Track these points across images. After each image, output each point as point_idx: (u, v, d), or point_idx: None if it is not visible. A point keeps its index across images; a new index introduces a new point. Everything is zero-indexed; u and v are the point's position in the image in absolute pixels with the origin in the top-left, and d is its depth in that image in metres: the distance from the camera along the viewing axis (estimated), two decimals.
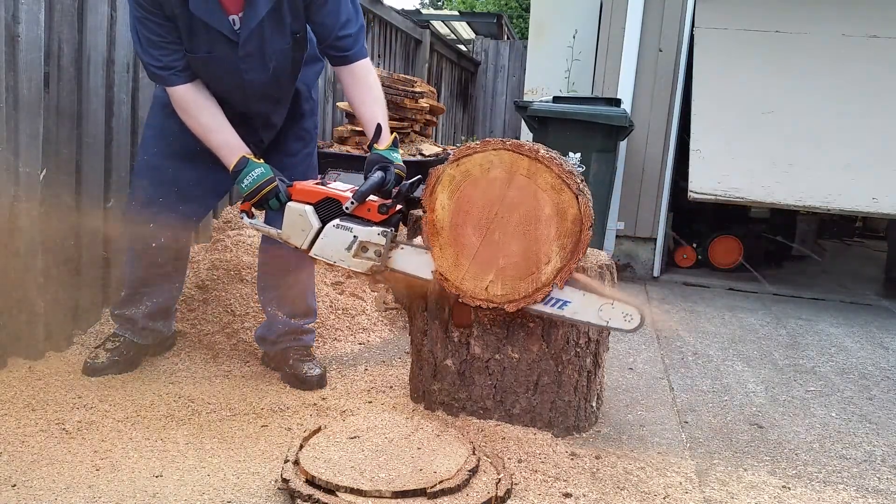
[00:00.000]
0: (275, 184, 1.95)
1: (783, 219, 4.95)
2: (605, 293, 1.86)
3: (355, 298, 2.99)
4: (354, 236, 1.93)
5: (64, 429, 1.86)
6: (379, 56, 5.87)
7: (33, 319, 2.22)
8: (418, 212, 3.17)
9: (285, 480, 1.58)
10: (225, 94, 2.04)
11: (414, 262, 1.96)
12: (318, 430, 1.83)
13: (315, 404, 2.12)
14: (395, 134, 2.06)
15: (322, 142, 4.38)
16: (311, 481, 1.56)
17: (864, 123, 3.90)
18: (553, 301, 1.86)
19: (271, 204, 1.97)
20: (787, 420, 2.29)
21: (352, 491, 1.53)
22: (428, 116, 4.52)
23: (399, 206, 1.97)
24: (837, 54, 4.07)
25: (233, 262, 2.83)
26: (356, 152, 4.03)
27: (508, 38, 10.83)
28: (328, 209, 1.95)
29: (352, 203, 1.92)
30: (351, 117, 4.25)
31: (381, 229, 1.94)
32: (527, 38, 6.27)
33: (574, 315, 1.86)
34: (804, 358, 2.99)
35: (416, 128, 4.44)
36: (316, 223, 1.96)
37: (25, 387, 2.08)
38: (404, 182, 1.96)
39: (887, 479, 1.92)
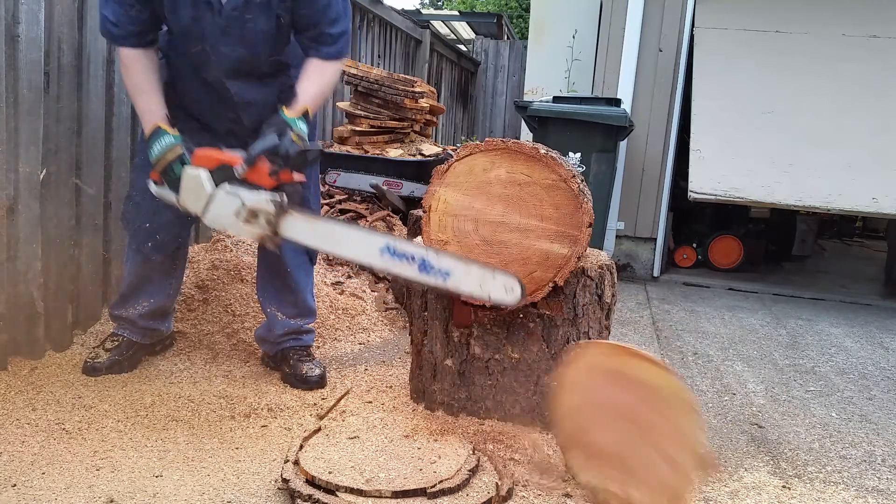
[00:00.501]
0: (180, 151, 1.93)
1: (783, 219, 4.95)
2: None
3: (355, 298, 2.99)
4: (242, 202, 1.86)
5: (64, 429, 1.86)
6: (379, 56, 5.87)
7: (33, 319, 2.22)
8: (418, 212, 3.17)
9: (285, 480, 1.58)
10: (201, 65, 2.03)
11: (305, 231, 1.89)
12: (318, 430, 1.83)
13: (315, 404, 2.13)
14: (309, 110, 1.99)
15: (322, 142, 4.38)
16: (311, 481, 1.56)
17: (864, 123, 3.90)
18: (434, 271, 1.77)
19: (174, 168, 1.93)
20: (787, 420, 2.29)
21: (352, 491, 1.53)
22: (428, 116, 4.53)
23: (294, 173, 1.90)
24: (837, 54, 4.07)
25: (233, 262, 2.83)
26: (356, 152, 4.03)
27: (508, 38, 10.83)
28: (223, 174, 1.88)
29: (242, 167, 1.85)
30: (351, 117, 4.25)
31: (271, 196, 1.85)
32: (527, 38, 6.26)
33: (457, 287, 1.77)
34: (804, 358, 2.99)
35: (416, 128, 4.44)
36: (209, 188, 1.87)
37: (26, 387, 2.08)
38: (300, 148, 1.88)
39: (887, 479, 1.92)
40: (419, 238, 2.06)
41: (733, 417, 2.28)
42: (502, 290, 1.75)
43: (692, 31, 4.24)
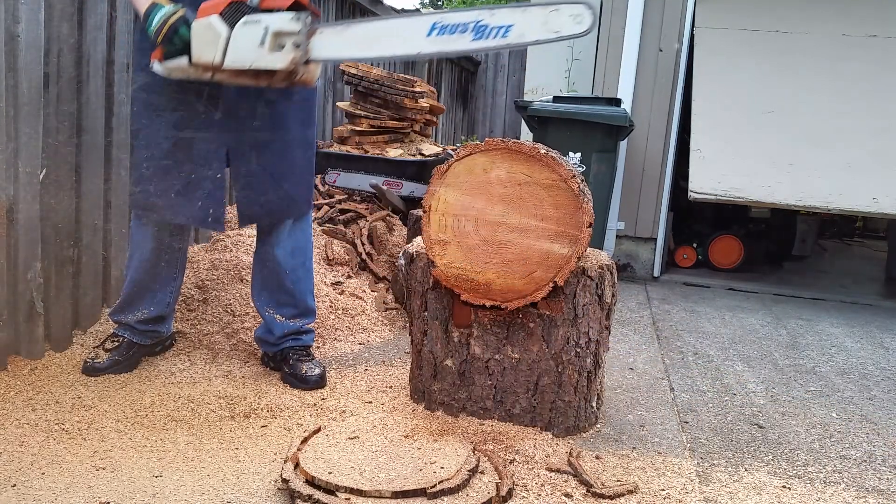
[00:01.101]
0: (183, 13, 1.85)
1: (783, 219, 4.95)
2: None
3: (355, 298, 2.99)
4: (265, 27, 1.73)
5: (64, 429, 1.86)
6: None
7: (33, 319, 2.22)
8: (418, 212, 3.17)
9: (285, 480, 1.58)
10: None
11: (337, 43, 1.77)
12: (318, 430, 1.83)
13: (315, 404, 2.13)
14: None
15: (322, 142, 4.38)
16: (310, 481, 1.56)
17: (864, 123, 3.90)
18: (492, 31, 1.64)
19: (180, 32, 1.83)
20: (788, 420, 2.29)
21: (352, 491, 1.53)
22: (428, 116, 4.52)
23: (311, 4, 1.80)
24: (837, 54, 4.07)
25: (233, 262, 2.83)
26: (356, 152, 4.03)
27: None
28: (236, 13, 1.77)
29: None
30: (351, 117, 4.25)
31: (294, 14, 1.75)
32: None
33: (521, 38, 1.64)
34: (804, 358, 2.99)
35: (416, 128, 4.44)
36: (224, 29, 1.76)
37: (25, 387, 2.08)
38: None
39: (887, 479, 1.92)
40: (419, 238, 2.06)
41: (733, 417, 2.28)
42: (571, 21, 1.60)
43: (692, 31, 4.24)
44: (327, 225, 3.44)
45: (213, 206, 2.15)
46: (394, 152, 4.11)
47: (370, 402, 2.16)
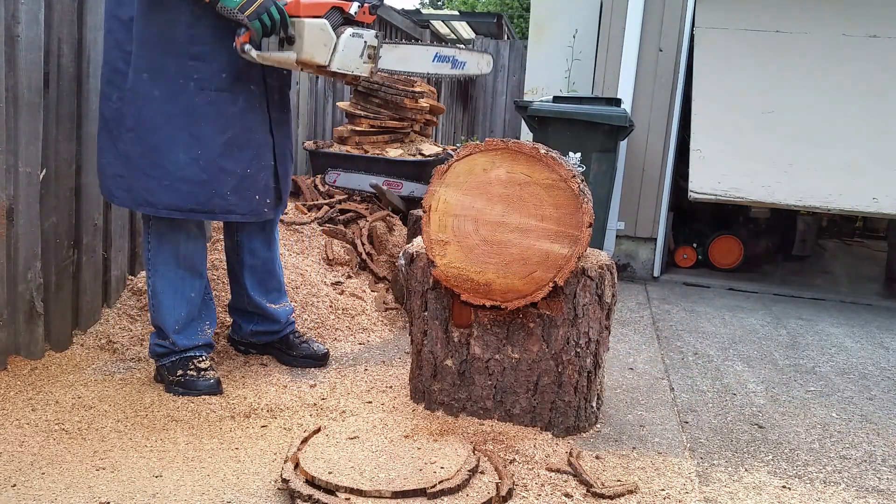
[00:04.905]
0: None
1: (783, 219, 4.95)
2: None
3: (355, 298, 2.99)
4: (365, 41, 1.97)
5: (64, 429, 1.86)
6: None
7: (33, 319, 2.22)
8: (418, 212, 3.17)
9: (285, 480, 1.58)
10: None
11: (392, 59, 2.24)
12: (318, 430, 1.83)
13: (315, 404, 2.13)
14: None
15: (322, 142, 4.38)
16: (310, 481, 1.56)
17: (864, 123, 3.90)
18: (459, 63, 2.54)
19: (271, 12, 1.82)
20: (788, 420, 2.29)
21: (352, 491, 1.53)
22: (428, 116, 4.52)
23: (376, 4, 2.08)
24: (837, 54, 4.07)
25: None
26: (356, 152, 4.03)
27: (508, 38, 10.83)
28: (333, 19, 1.95)
29: (356, 8, 1.95)
30: (351, 117, 4.25)
31: (375, 33, 2.02)
32: (527, 38, 6.26)
33: (469, 70, 2.63)
34: (804, 358, 2.99)
35: (416, 128, 4.43)
36: (333, 34, 1.93)
37: (26, 387, 2.08)
38: None
39: (887, 479, 1.92)
40: (419, 238, 2.06)
41: (733, 417, 2.28)
42: (486, 65, 2.82)
43: (692, 31, 4.24)
44: (327, 225, 3.44)
45: (269, 196, 2.17)
46: (394, 152, 4.11)
47: (370, 402, 2.16)
